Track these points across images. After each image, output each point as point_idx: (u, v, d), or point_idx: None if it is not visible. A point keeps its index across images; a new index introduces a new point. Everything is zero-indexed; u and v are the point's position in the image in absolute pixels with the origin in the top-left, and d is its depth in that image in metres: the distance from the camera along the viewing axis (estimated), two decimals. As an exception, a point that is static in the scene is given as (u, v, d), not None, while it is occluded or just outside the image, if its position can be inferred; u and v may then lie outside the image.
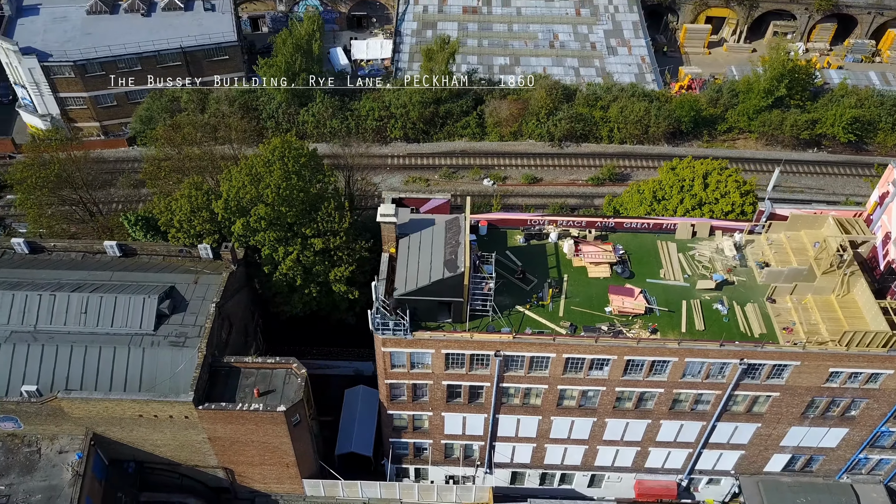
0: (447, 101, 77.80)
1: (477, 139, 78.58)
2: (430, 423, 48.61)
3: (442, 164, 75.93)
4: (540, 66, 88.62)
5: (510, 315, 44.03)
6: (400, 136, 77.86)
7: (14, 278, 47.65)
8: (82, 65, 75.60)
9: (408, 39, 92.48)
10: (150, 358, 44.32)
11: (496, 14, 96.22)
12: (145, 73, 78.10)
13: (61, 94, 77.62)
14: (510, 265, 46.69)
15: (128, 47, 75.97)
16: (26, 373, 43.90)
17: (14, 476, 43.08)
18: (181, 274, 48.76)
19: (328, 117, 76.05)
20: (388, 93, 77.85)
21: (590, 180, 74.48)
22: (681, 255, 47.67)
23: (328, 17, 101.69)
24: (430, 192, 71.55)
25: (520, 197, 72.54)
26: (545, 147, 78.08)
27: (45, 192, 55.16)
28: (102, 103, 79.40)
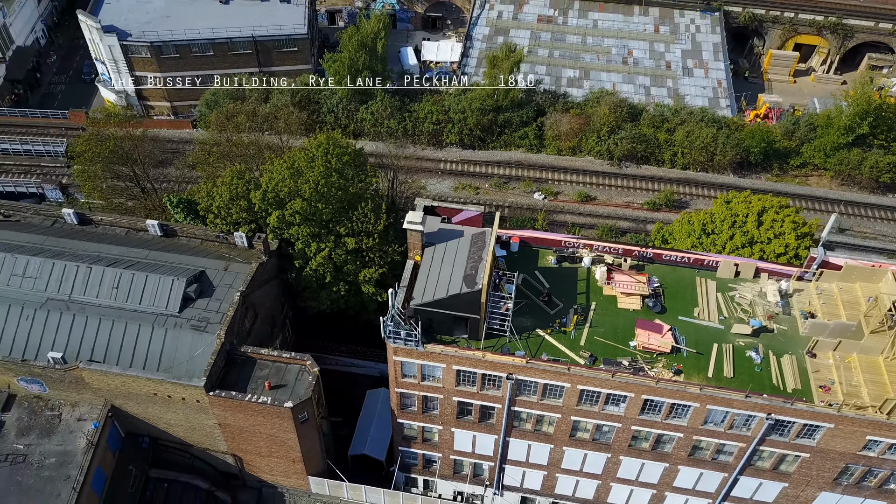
0: (507, 109, 76.64)
1: (534, 151, 77.12)
2: (439, 437, 47.81)
3: (494, 174, 74.86)
4: (610, 82, 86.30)
5: (529, 338, 42.74)
6: (455, 142, 77.21)
7: (59, 247, 49.45)
8: (158, 46, 78.17)
9: (478, 44, 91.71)
10: (172, 339, 45.18)
11: (571, 25, 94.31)
12: (217, 58, 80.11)
13: (137, 72, 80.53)
14: (537, 286, 45.36)
15: (202, 33, 78.06)
16: (56, 340, 45.48)
17: (33, 437, 44.71)
18: (213, 259, 49.53)
19: (386, 116, 76.12)
20: (448, 97, 77.35)
21: (645, 204, 71.93)
22: (719, 295, 45.25)
23: (403, 17, 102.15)
24: (478, 199, 70.88)
25: (569, 214, 70.71)
26: (603, 165, 75.91)
27: (99, 167, 57.17)
28: (174, 85, 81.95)
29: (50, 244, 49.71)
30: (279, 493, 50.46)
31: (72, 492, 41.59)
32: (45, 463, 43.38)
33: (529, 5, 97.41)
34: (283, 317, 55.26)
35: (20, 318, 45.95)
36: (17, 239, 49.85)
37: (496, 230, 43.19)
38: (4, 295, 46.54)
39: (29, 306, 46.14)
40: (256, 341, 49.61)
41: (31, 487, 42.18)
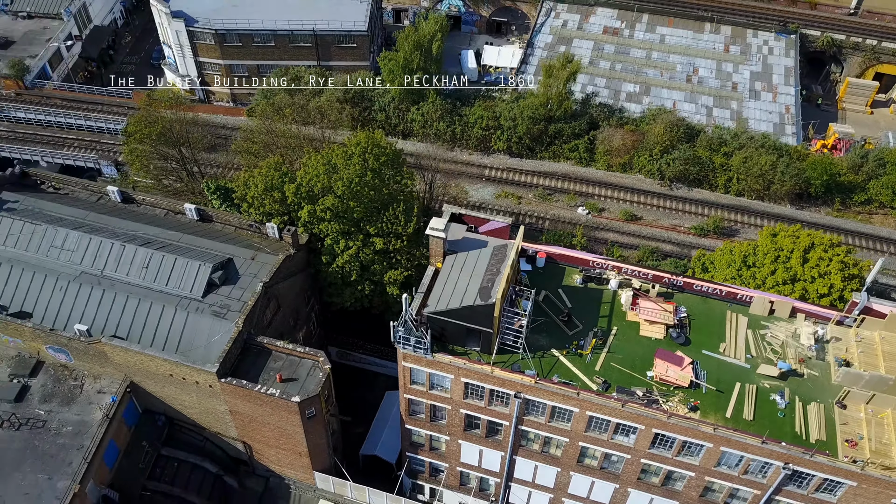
0: (559, 120, 75.30)
1: (583, 165, 75.55)
2: (446, 448, 47.24)
3: (539, 184, 73.69)
4: (671, 100, 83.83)
5: (542, 357, 41.74)
6: (503, 149, 76.34)
7: (98, 223, 51.02)
8: (222, 34, 80.00)
9: (538, 52, 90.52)
10: (192, 323, 46.00)
11: (637, 39, 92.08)
12: (277, 50, 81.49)
13: (201, 58, 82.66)
14: (559, 305, 44.26)
15: (265, 24, 79.49)
16: (84, 313, 46.94)
17: (55, 404, 46.23)
18: (243, 248, 50.22)
19: (436, 119, 75.88)
20: (501, 103, 76.53)
21: (693, 229, 69.50)
22: (749, 332, 43.19)
23: (468, 19, 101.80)
24: (519, 210, 69.88)
25: (611, 232, 68.96)
26: (653, 185, 73.75)
27: (148, 147, 58.86)
28: (235, 72, 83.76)
29: (91, 219, 51.33)
30: (285, 485, 50.79)
31: (82, 461, 42.77)
32: (63, 430, 44.79)
33: (596, 16, 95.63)
34: (308, 310, 55.62)
35: (54, 289, 47.61)
36: (62, 212, 51.66)
37: (519, 243, 42.36)
38: (41, 265, 48.31)
39: (63, 278, 47.75)
40: (277, 332, 50.03)
41: (45, 453, 43.61)
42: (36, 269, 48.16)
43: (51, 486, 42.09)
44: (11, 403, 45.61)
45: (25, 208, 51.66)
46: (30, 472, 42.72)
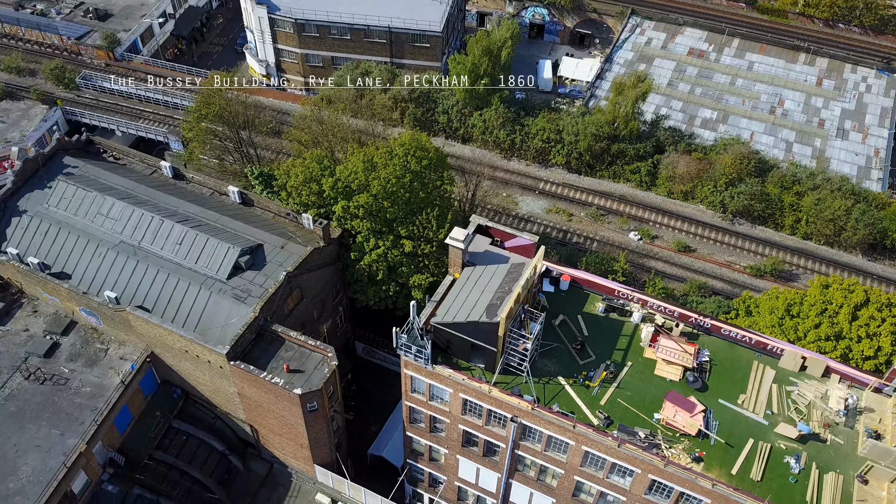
0: (624, 140, 72.96)
1: (642, 188, 72.90)
2: (445, 460, 46.52)
3: (593, 203, 71.58)
4: (748, 130, 79.81)
5: (548, 383, 40.46)
6: (561, 163, 74.62)
7: (145, 196, 52.95)
8: (301, 24, 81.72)
9: (616, 68, 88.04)
10: (213, 303, 47.09)
11: (723, 63, 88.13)
12: (352, 43, 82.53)
13: (279, 45, 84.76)
14: (575, 332, 42.81)
15: (343, 17, 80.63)
16: (117, 281, 48.83)
17: (79, 364, 48.33)
18: (275, 236, 51.02)
19: (497, 126, 74.97)
20: (566, 116, 74.82)
21: (749, 268, 65.83)
22: (774, 387, 40.53)
23: (552, 28, 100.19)
24: (569, 227, 68.18)
25: (660, 261, 66.22)
26: (713, 217, 70.33)
27: (204, 126, 60.84)
28: (310, 62, 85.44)
29: (139, 191, 53.33)
30: (288, 473, 51.34)
31: (93, 423, 44.51)
32: (82, 390, 46.76)
33: (684, 36, 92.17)
34: (335, 303, 55.99)
35: (93, 255, 49.77)
36: (114, 182, 53.90)
37: (536, 263, 41.06)
38: (86, 230, 50.59)
39: (103, 245, 49.84)
40: (298, 322, 50.62)
41: (62, 409, 45.64)
42: (80, 233, 50.47)
43: (61, 442, 44.01)
44: (41, 358, 47.97)
45: (83, 174, 54.21)
46: (45, 426, 44.80)
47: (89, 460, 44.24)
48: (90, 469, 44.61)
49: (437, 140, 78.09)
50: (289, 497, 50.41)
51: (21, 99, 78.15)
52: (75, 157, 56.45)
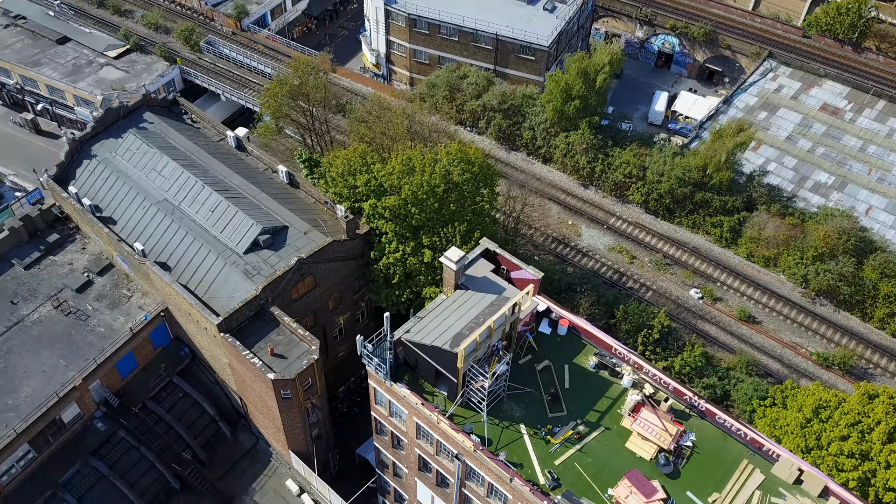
0: (712, 189, 67.50)
1: (721, 244, 67.12)
2: (406, 479, 45.35)
3: (661, 250, 66.83)
4: (866, 204, 71.35)
5: (507, 428, 38.34)
6: (639, 202, 70.23)
7: (200, 162, 55.50)
8: (413, 19, 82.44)
9: (732, 111, 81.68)
10: (224, 274, 48.63)
11: (858, 125, 79.29)
12: (459, 45, 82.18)
13: (391, 37, 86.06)
14: (556, 380, 40.26)
15: (453, 18, 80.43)
16: (152, 235, 51.62)
17: (103, 304, 51.63)
18: (302, 221, 51.83)
19: (580, 152, 71.85)
20: (655, 153, 70.31)
21: (816, 355, 58.82)
22: (757, 494, 36.09)
23: (680, 59, 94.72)
24: (627, 270, 64.32)
25: (714, 326, 60.71)
26: (792, 291, 63.48)
27: (277, 102, 63.13)
28: (417, 58, 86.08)
29: (197, 156, 56.01)
30: (269, 451, 52.24)
31: (93, 362, 47.41)
32: (97, 329, 49.95)
33: (820, 89, 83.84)
34: (356, 298, 56.02)
35: (139, 207, 52.91)
36: (179, 143, 56.94)
37: (516, 300, 38.80)
38: (139, 183, 53.86)
39: (149, 200, 52.86)
40: (307, 309, 51.22)
41: (74, 343, 49.00)
42: (133, 185, 53.82)
43: (63, 373, 47.28)
44: (73, 292, 51.73)
45: (154, 131, 57.76)
46: (55, 355, 48.31)
47: (84, 395, 47.20)
48: (84, 403, 47.61)
49: (518, 155, 76.26)
50: (263, 475, 51.30)
51: (149, 53, 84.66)
52: (156, 114, 60.21)
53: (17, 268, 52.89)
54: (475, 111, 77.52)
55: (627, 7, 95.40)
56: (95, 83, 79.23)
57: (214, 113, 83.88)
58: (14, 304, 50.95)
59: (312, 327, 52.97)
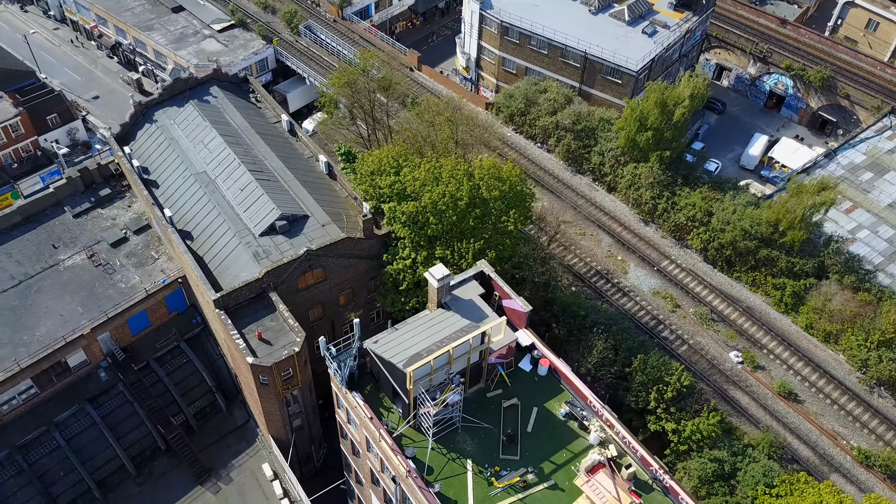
0: (780, 248, 61.81)
1: (779, 308, 61.31)
2: (364, 488, 44.55)
3: (709, 303, 61.92)
4: (965, 291, 62.89)
5: (453, 460, 36.76)
6: (697, 248, 65.42)
7: (247, 141, 56.93)
8: (506, 27, 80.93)
9: (832, 167, 74.60)
10: (237, 253, 49.69)
11: (977, 201, 70.14)
12: (547, 59, 79.88)
13: (482, 42, 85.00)
14: (519, 421, 38.20)
15: (545, 30, 78.24)
16: (185, 204, 53.59)
17: (131, 262, 54.11)
18: (325, 213, 52.07)
19: (646, 186, 67.89)
20: (727, 199, 65.24)
21: (857, 451, 52.40)
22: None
23: (792, 104, 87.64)
24: (665, 319, 60.43)
25: (747, 395, 55.47)
26: (847, 375, 56.99)
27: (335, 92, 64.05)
28: (506, 66, 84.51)
29: (246, 135, 57.55)
30: (256, 431, 52.98)
31: (104, 315, 49.81)
32: (118, 285, 52.49)
33: (944, 155, 74.87)
34: (371, 297, 55.58)
35: (180, 175, 55.08)
36: (233, 119, 58.75)
37: (484, 330, 37.01)
38: (186, 152, 56.01)
39: (190, 170, 54.91)
40: (314, 300, 51.48)
41: (95, 293, 51.71)
42: (180, 154, 56.09)
43: (77, 321, 50.00)
44: (108, 246, 54.63)
45: (213, 106, 59.95)
46: (75, 302, 51.20)
47: (91, 344, 49.72)
48: (90, 352, 50.17)
49: (583, 180, 73.20)
50: (245, 453, 52.15)
51: (250, 30, 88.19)
52: (224, 89, 62.49)
53: (67, 215, 56.48)
54: (547, 128, 75.14)
55: (742, 40, 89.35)
56: (195, 53, 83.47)
57: (299, 96, 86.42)
58: (55, 248, 54.46)
59: (320, 319, 53.29)
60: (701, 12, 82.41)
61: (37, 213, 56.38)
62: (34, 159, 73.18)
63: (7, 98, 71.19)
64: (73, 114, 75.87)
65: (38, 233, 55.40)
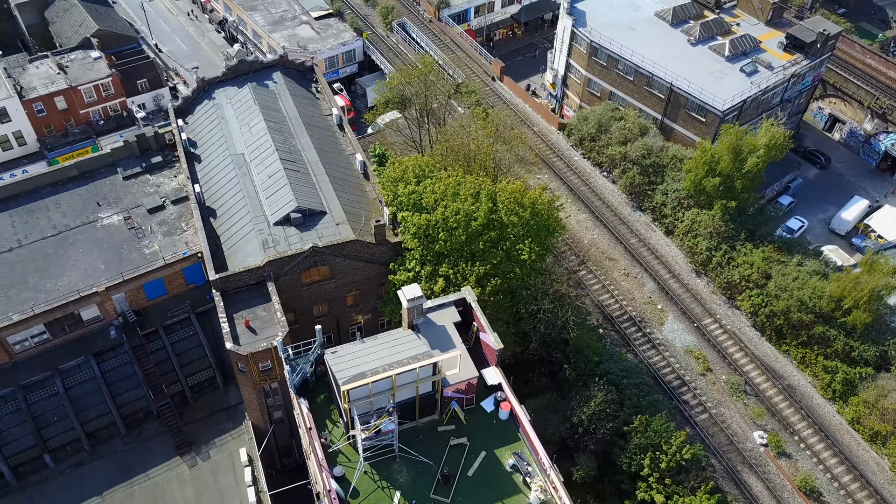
0: (840, 327, 55.47)
1: (825, 394, 55.01)
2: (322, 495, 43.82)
3: (746, 373, 56.46)
4: None
5: (383, 487, 35.40)
6: (747, 312, 59.84)
7: (293, 129, 57.50)
8: (595, 47, 77.61)
9: (931, 246, 66.18)
10: (248, 238, 50.30)
11: None
12: (632, 86, 75.94)
13: (570, 60, 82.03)
14: (462, 463, 36.22)
15: (633, 56, 74.32)
16: (217, 182, 54.91)
17: (160, 231, 55.92)
18: (343, 211, 51.69)
19: (703, 234, 62.93)
20: (791, 265, 59.29)
21: (878, 571, 46.20)
22: None
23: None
24: (694, 381, 55.92)
25: (759, 482, 50.08)
26: (886, 481, 50.21)
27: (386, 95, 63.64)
28: (590, 87, 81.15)
29: (292, 124, 58.16)
30: (245, 415, 53.48)
31: (120, 276, 51.84)
32: (142, 251, 54.42)
33: None
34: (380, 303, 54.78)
35: (220, 153, 56.49)
36: (285, 106, 59.51)
37: (436, 362, 35.22)
38: (231, 132, 57.36)
39: (230, 150, 56.15)
40: (320, 297, 51.29)
41: (120, 255, 53.84)
42: (226, 133, 57.53)
43: (97, 277, 52.28)
44: (145, 211, 56.86)
45: (270, 91, 61.05)
46: (101, 260, 53.58)
47: (105, 302, 51.87)
48: (104, 309, 52.36)
49: (641, 217, 68.98)
50: (229, 434, 52.74)
51: (345, 21, 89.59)
52: (287, 75, 63.60)
53: (118, 176, 59.31)
54: (614, 157, 71.43)
55: (862, 92, 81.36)
56: (287, 37, 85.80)
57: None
58: (98, 205, 57.32)
59: (325, 315, 53.05)
60: (814, 56, 75.51)
61: (92, 170, 59.54)
62: (120, 119, 77.74)
63: (104, 59, 75.91)
64: (162, 81, 79.93)
65: (89, 189, 58.51)
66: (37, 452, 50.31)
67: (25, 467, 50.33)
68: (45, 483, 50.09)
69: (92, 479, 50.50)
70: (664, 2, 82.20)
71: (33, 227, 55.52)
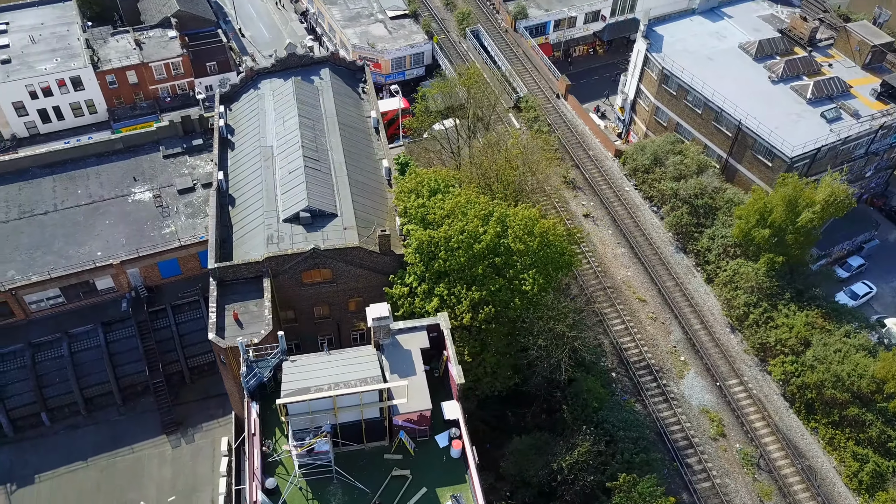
0: (878, 412, 49.90)
1: (851, 484, 49.49)
2: (272, 501, 43.30)
3: (765, 444, 51.59)
4: None
5: None
6: (777, 379, 54.74)
7: (327, 128, 57.37)
8: (666, 74, 73.53)
9: None
10: (256, 231, 50.45)
11: None
12: (699, 120, 71.42)
13: (641, 86, 78.18)
14: (398, 495, 34.73)
15: (705, 88, 69.79)
16: (243, 172, 55.40)
17: (185, 212, 57.33)
18: (354, 217, 51.01)
19: (743, 288, 58.21)
20: (837, 333, 53.89)
21: None
22: None
23: None
24: (704, 444, 52.04)
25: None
26: None
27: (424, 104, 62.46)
28: (658, 116, 77.00)
29: (327, 122, 57.97)
30: (231, 404, 53.92)
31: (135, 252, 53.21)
32: (164, 229, 55.96)
33: None
34: (384, 314, 53.82)
35: (251, 143, 57.01)
36: (324, 105, 59.38)
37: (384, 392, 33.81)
38: (266, 123, 57.75)
39: (260, 141, 56.52)
40: (319, 298, 50.84)
41: (142, 231, 55.49)
42: (261, 124, 58.00)
43: (115, 250, 54.03)
44: (175, 191, 58.31)
45: (314, 87, 61.12)
46: (124, 233, 55.37)
47: (119, 274, 53.56)
48: (118, 281, 54.09)
49: (683, 260, 64.73)
50: (217, 420, 53.43)
51: (419, 23, 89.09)
52: (334, 72, 63.62)
53: (159, 154, 61.21)
54: (665, 193, 67.39)
55: (964, 153, 73.08)
56: (359, 34, 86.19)
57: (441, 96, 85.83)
58: (135, 180, 59.31)
59: (325, 317, 52.60)
60: (910, 108, 68.63)
61: (136, 145, 61.70)
62: (186, 98, 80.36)
63: (179, 39, 78.61)
64: (231, 65, 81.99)
65: (130, 163, 60.65)
66: (36, 409, 52.50)
67: (24, 422, 52.66)
68: (39, 440, 52.26)
69: (83, 442, 52.27)
70: (755, 33, 77.03)
71: (71, 194, 57.98)
